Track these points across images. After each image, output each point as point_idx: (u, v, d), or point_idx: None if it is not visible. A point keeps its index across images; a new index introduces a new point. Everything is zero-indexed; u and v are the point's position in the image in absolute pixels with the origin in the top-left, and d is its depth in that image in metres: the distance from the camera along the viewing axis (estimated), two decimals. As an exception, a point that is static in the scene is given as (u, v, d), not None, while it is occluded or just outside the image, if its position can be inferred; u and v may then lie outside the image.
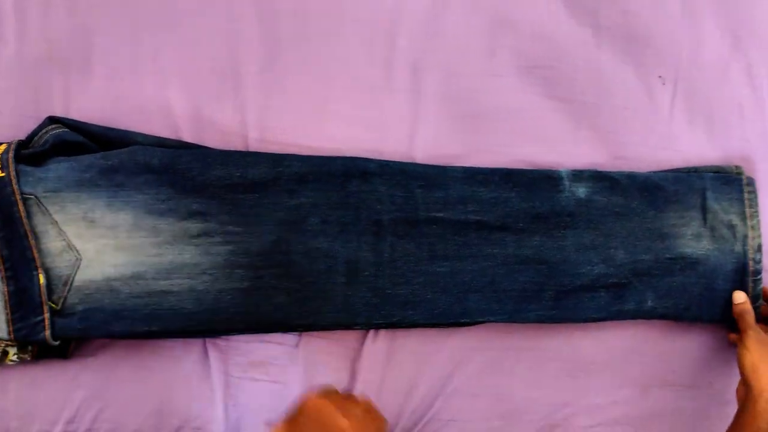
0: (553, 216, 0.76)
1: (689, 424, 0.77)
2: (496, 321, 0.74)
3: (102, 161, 0.69)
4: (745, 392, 0.68)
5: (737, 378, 0.73)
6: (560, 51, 0.78)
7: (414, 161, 0.76)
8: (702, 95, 0.80)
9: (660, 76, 0.79)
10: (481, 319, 0.74)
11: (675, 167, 0.79)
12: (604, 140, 0.79)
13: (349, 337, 0.75)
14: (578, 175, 0.76)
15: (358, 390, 0.74)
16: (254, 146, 0.75)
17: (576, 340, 0.77)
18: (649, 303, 0.77)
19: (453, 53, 0.77)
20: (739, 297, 0.75)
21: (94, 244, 0.69)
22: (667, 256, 0.78)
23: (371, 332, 0.75)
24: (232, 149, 0.74)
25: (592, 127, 0.78)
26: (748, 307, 0.74)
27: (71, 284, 0.68)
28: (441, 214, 0.74)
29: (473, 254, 0.75)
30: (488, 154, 0.77)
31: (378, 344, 0.75)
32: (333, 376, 0.75)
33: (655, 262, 0.77)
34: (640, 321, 0.78)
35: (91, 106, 0.73)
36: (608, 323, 0.77)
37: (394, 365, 0.75)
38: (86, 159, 0.69)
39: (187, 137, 0.74)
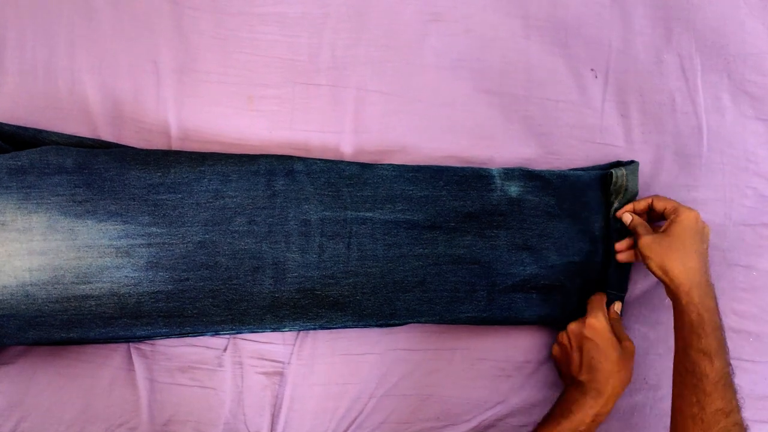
0: (484, 215, 0.74)
1: (623, 420, 0.77)
2: (426, 322, 0.73)
3: (11, 161, 0.66)
4: (668, 293, 0.68)
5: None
6: (489, 43, 0.77)
7: (343, 157, 0.75)
8: (634, 87, 0.79)
9: (592, 69, 0.78)
10: (411, 321, 0.73)
11: (608, 161, 0.78)
12: (535, 133, 0.77)
13: (278, 340, 0.74)
14: (509, 174, 0.75)
15: (287, 395, 0.73)
16: (177, 145, 0.73)
17: (510, 339, 0.76)
18: (575, 306, 0.76)
19: (380, 47, 0.75)
20: (626, 218, 0.73)
21: (5, 248, 0.66)
22: (597, 259, 0.77)
23: (300, 334, 0.74)
24: (153, 148, 0.72)
25: (523, 121, 0.77)
26: (638, 219, 0.72)
27: (-19, 291, 0.66)
28: (370, 214, 0.73)
29: (404, 254, 0.73)
30: (419, 148, 0.76)
31: (307, 346, 0.74)
32: (262, 380, 0.73)
33: (587, 264, 0.76)
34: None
35: (4, 104, 0.70)
36: (542, 321, 0.76)
37: (324, 367, 0.74)
38: (-6, 160, 0.66)
39: (106, 136, 0.72)
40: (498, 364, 0.76)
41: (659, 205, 0.72)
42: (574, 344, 0.71)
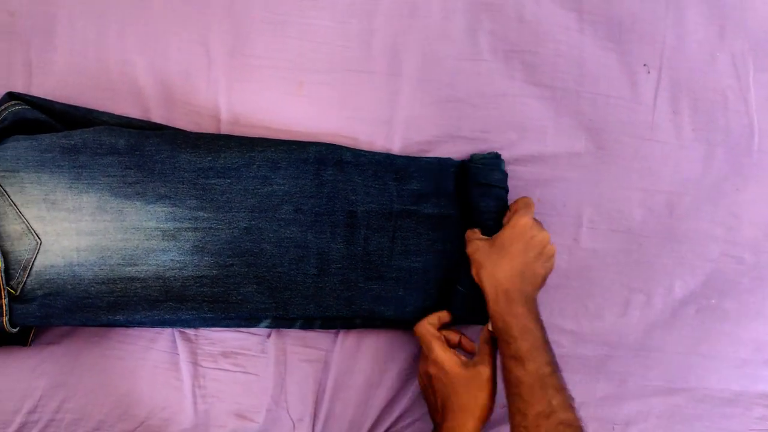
0: None
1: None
2: (468, 323, 0.73)
3: (64, 141, 0.66)
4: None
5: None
6: (542, 35, 0.76)
7: (391, 146, 0.74)
8: (686, 84, 0.78)
9: (645, 65, 0.77)
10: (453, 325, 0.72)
11: (657, 158, 0.77)
12: (585, 128, 0.77)
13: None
14: None
15: (330, 384, 0.73)
16: (226, 129, 0.72)
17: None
18: None
19: (432, 35, 0.75)
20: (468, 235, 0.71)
21: (54, 227, 0.66)
22: None
23: (343, 325, 0.74)
24: (203, 131, 0.71)
25: (573, 115, 0.77)
26: (469, 233, 0.71)
27: (31, 269, 0.66)
28: (415, 207, 0.72)
29: (446, 249, 0.73)
30: (467, 140, 0.75)
31: (351, 334, 0.73)
32: (305, 367, 0.73)
33: None
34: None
35: (54, 83, 0.70)
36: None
37: (366, 358, 0.73)
38: (47, 138, 0.66)
39: (157, 117, 0.71)
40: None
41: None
42: (429, 386, 0.68)
